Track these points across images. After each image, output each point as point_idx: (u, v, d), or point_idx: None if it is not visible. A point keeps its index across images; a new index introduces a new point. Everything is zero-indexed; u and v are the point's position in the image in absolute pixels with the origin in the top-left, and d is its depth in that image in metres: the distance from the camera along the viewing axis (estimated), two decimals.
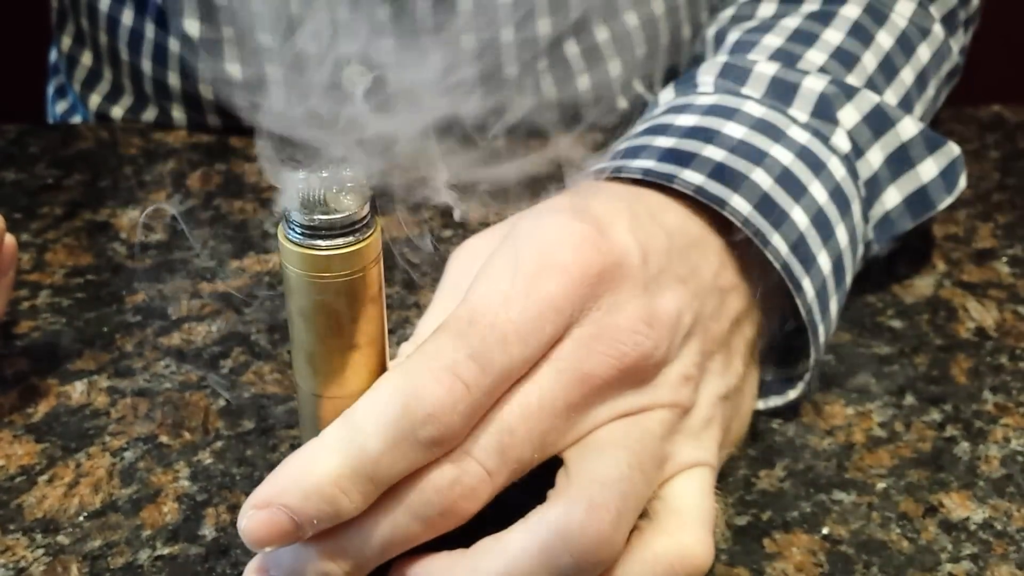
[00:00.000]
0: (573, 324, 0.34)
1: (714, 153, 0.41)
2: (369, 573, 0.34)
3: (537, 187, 0.56)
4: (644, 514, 0.34)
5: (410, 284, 0.50)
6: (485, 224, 0.40)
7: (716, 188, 0.40)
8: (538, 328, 0.33)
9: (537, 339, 0.33)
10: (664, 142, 0.42)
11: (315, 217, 0.31)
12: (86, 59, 0.66)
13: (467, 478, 0.32)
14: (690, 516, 0.35)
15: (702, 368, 0.37)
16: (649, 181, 0.40)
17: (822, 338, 0.41)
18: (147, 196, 0.57)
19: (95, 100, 0.65)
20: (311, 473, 0.32)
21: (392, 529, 0.32)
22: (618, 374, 0.34)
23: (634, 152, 0.42)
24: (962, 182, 0.47)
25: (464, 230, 0.54)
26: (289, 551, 0.33)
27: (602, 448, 0.34)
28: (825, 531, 0.38)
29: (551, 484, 0.34)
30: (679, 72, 0.62)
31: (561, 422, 0.34)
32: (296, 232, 0.31)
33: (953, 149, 0.46)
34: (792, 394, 0.42)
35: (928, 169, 0.46)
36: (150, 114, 0.63)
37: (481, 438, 0.33)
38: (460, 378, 0.32)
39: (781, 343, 0.43)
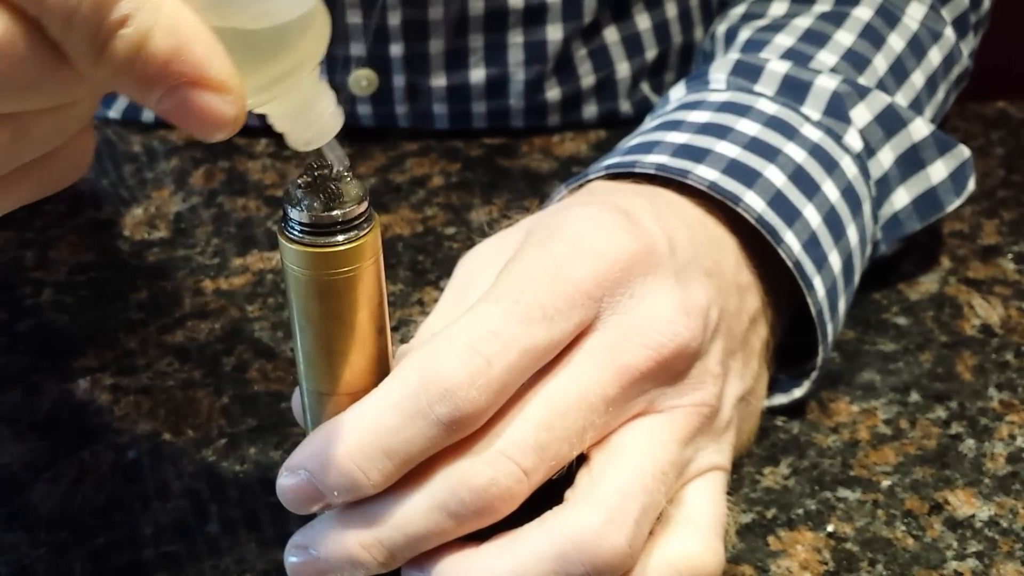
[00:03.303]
0: (604, 311, 0.34)
1: (727, 149, 0.41)
2: None
3: (543, 185, 0.56)
4: (657, 517, 0.34)
5: (413, 281, 0.50)
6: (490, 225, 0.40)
7: (730, 184, 0.39)
8: (565, 310, 0.33)
9: (565, 320, 0.33)
10: (677, 138, 0.42)
11: (316, 215, 0.31)
12: None
13: (504, 479, 0.32)
14: (702, 522, 0.34)
15: (726, 367, 0.37)
16: (663, 177, 0.40)
17: (830, 337, 0.41)
18: (150, 193, 0.57)
19: None
20: (330, 446, 0.32)
21: (427, 525, 0.32)
22: (655, 366, 0.34)
23: (647, 147, 0.42)
24: (971, 185, 0.47)
25: (468, 227, 0.54)
26: (327, 536, 0.33)
27: (627, 453, 0.34)
28: (830, 528, 0.38)
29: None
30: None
31: (598, 417, 0.33)
32: (295, 230, 0.31)
33: (963, 151, 0.46)
34: (798, 393, 0.42)
35: (938, 171, 0.46)
36: (148, 115, 0.63)
37: (517, 435, 0.32)
38: (480, 353, 0.32)
39: (787, 341, 0.42)
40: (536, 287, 0.33)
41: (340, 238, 0.31)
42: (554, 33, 0.57)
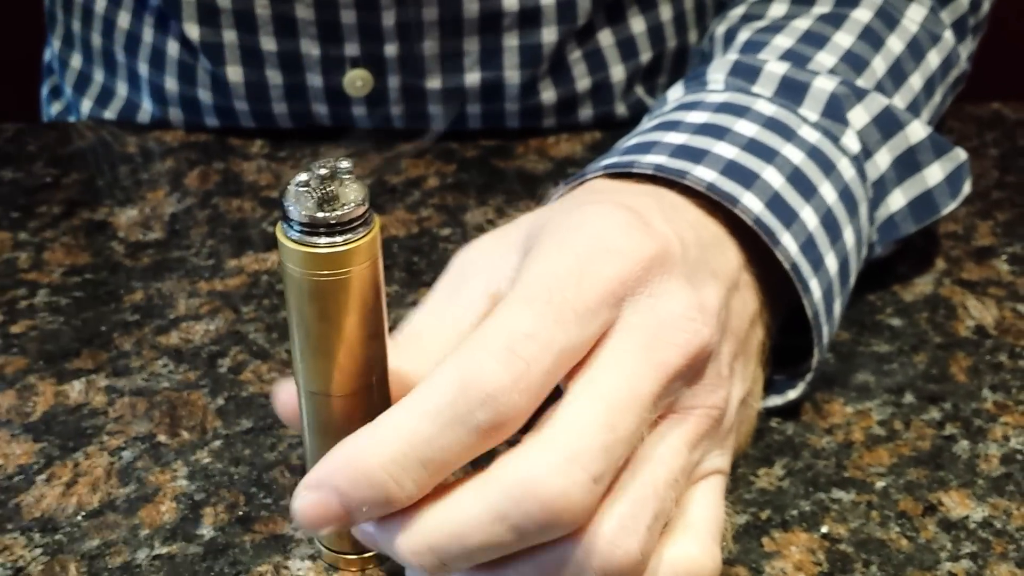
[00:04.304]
0: (625, 311, 0.34)
1: (725, 150, 0.41)
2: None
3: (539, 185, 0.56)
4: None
5: (408, 283, 0.50)
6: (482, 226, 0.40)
7: (728, 185, 0.39)
8: (595, 310, 0.33)
9: (593, 321, 0.33)
10: (675, 138, 0.42)
11: (314, 215, 0.31)
12: (75, 62, 0.65)
13: (576, 490, 0.30)
14: (701, 527, 0.34)
15: (732, 369, 0.37)
16: (661, 177, 0.40)
17: (826, 340, 0.41)
18: (145, 195, 0.57)
19: (87, 104, 0.65)
20: (361, 457, 0.31)
21: (485, 537, 0.31)
22: (685, 363, 0.33)
23: (645, 148, 0.42)
24: (966, 188, 0.47)
25: (463, 228, 0.54)
26: (383, 537, 0.32)
27: (642, 459, 0.33)
28: (824, 530, 0.38)
29: None
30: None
31: (649, 414, 0.33)
32: (295, 230, 0.31)
33: (960, 154, 0.46)
34: (792, 394, 0.42)
35: (934, 173, 0.46)
36: (143, 117, 0.63)
37: (583, 441, 0.31)
38: (519, 356, 0.31)
39: (782, 343, 0.42)
40: (565, 287, 0.33)
41: (339, 239, 0.31)
42: (548, 36, 0.57)
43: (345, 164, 0.31)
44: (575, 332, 0.32)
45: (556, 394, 0.33)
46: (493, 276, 0.36)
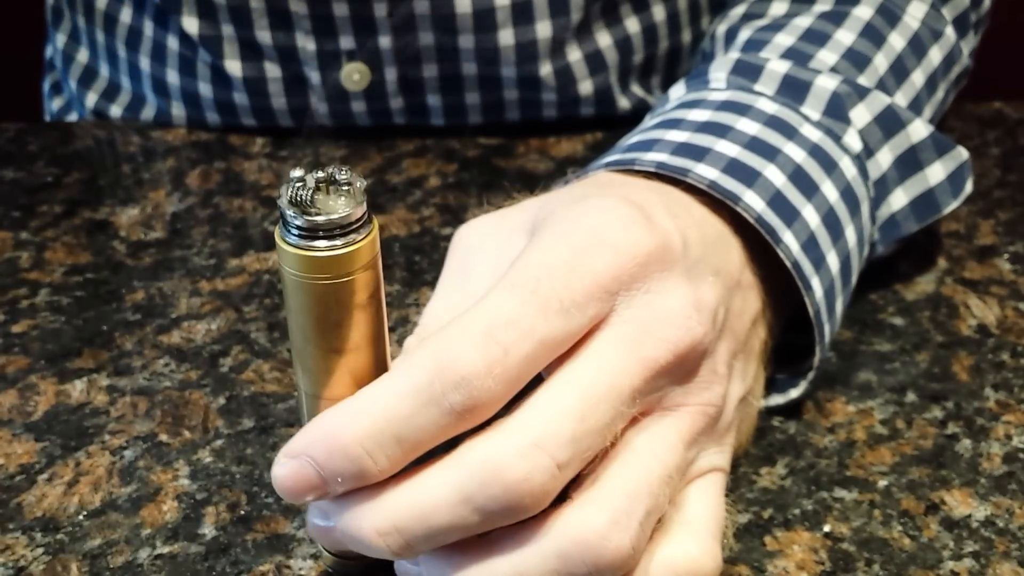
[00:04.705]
0: (619, 305, 0.34)
1: (728, 148, 0.41)
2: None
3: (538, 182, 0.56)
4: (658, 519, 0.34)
5: (409, 282, 0.50)
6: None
7: (730, 183, 0.39)
8: (582, 302, 0.33)
9: (581, 313, 0.33)
10: (677, 136, 0.42)
11: (312, 219, 0.30)
12: (82, 56, 0.66)
13: (539, 474, 0.31)
14: (700, 525, 0.34)
15: (730, 367, 0.37)
16: (663, 175, 0.40)
17: (828, 338, 0.41)
18: (146, 194, 0.57)
19: (92, 98, 0.65)
20: (338, 430, 0.31)
21: (450, 518, 0.31)
22: (673, 360, 0.34)
23: (647, 145, 0.42)
24: (968, 187, 0.47)
25: None
26: (347, 520, 0.32)
27: (635, 455, 0.33)
28: (827, 529, 0.38)
29: None
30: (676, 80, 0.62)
31: (626, 409, 0.33)
32: (293, 234, 0.31)
33: (962, 153, 0.46)
34: (794, 393, 0.42)
35: (936, 172, 0.46)
36: (149, 112, 0.63)
37: (552, 428, 0.31)
38: (497, 342, 0.31)
39: (784, 341, 0.42)
40: (553, 277, 0.33)
41: (338, 242, 0.30)
42: (543, 31, 0.57)
43: (343, 172, 0.31)
44: (559, 323, 0.32)
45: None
46: (501, 260, 0.36)
